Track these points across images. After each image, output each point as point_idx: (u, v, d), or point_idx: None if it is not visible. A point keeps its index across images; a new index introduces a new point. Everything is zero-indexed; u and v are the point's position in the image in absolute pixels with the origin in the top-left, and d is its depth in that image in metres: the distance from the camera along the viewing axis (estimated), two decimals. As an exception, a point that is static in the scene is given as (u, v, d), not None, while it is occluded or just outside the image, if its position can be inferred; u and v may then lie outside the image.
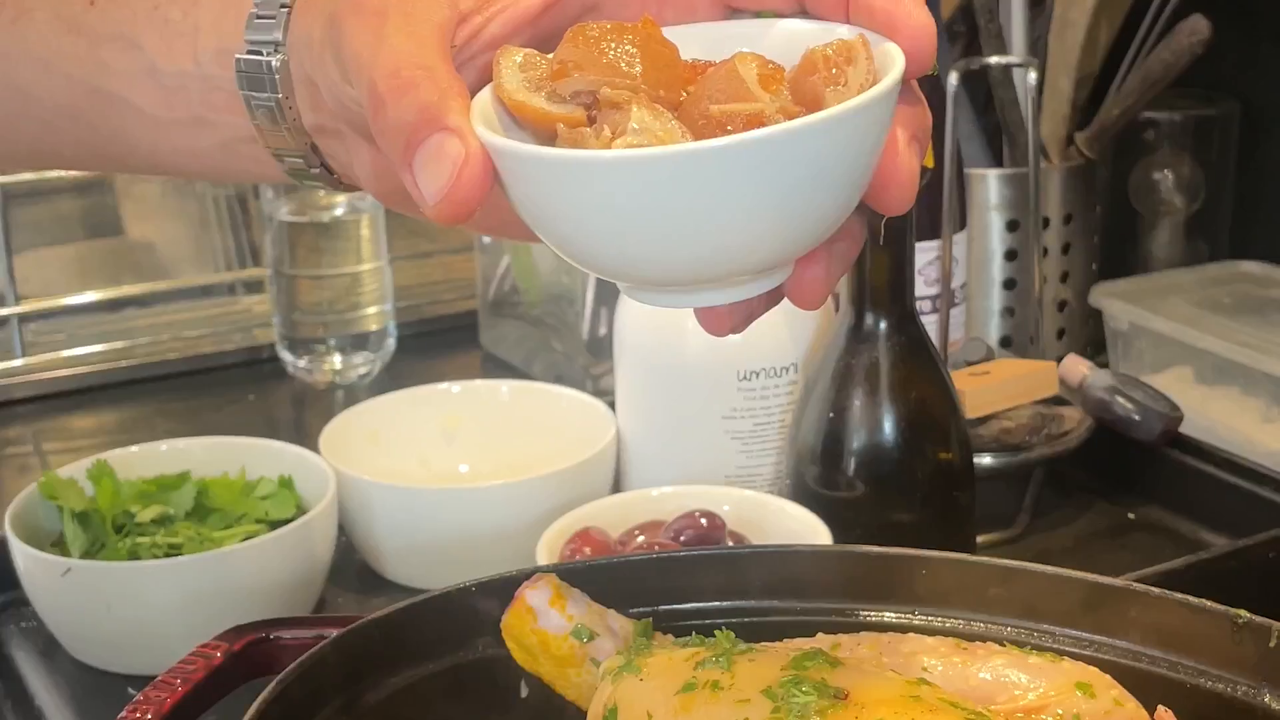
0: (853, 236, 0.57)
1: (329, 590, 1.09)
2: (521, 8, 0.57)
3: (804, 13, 0.57)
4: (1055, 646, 0.72)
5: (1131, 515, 1.19)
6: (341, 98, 0.57)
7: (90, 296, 1.55)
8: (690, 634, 0.71)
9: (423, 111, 0.52)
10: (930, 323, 1.15)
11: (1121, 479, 1.22)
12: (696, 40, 0.57)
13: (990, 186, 1.33)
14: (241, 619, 0.80)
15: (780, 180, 0.50)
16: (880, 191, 0.54)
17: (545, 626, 0.71)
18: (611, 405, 1.16)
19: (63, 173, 1.50)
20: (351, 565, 1.13)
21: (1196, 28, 1.29)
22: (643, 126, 0.51)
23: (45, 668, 1.03)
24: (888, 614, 0.75)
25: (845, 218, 0.54)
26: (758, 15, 0.59)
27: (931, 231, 1.16)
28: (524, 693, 0.75)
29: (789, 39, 0.57)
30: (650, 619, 0.73)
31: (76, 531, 1.04)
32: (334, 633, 0.71)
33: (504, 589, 0.72)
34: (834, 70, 0.53)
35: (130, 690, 0.97)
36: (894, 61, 0.53)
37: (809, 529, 0.98)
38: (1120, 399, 1.19)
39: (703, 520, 0.97)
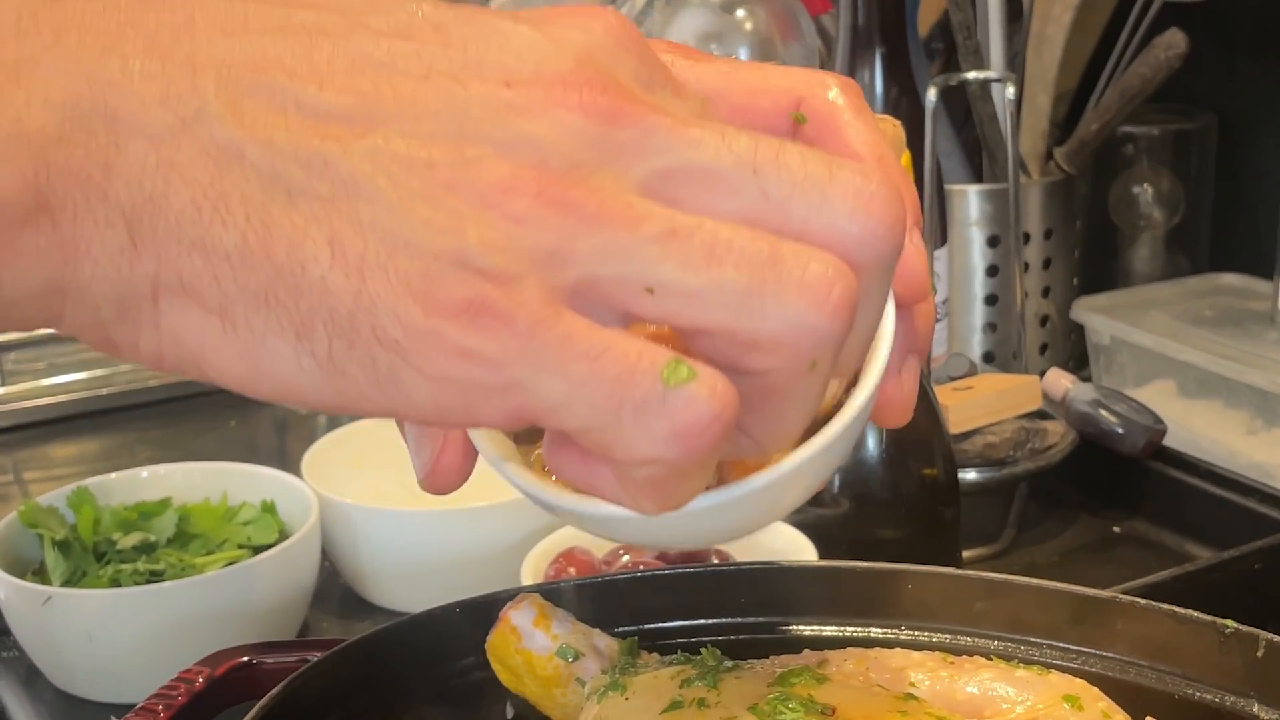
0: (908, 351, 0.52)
1: (313, 614, 1.08)
2: None
3: None
4: (1042, 659, 0.71)
5: (1117, 528, 1.19)
6: None
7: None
8: (676, 652, 0.71)
9: None
10: (912, 338, 1.15)
11: (1106, 492, 1.22)
12: None
13: (970, 202, 1.33)
14: (225, 645, 0.79)
15: (779, 503, 0.49)
16: (876, 415, 0.52)
17: (530, 647, 0.71)
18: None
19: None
20: (335, 589, 1.12)
21: (1173, 42, 1.29)
22: None
23: (27, 697, 1.03)
24: (874, 629, 0.75)
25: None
26: None
27: (912, 247, 1.16)
28: (509, 713, 0.74)
29: None
30: (635, 638, 0.73)
31: (57, 560, 1.03)
32: (317, 656, 0.71)
33: (488, 610, 0.72)
34: None
35: (113, 718, 0.96)
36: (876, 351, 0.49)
37: (794, 546, 0.98)
38: (1104, 412, 1.19)
39: (687, 539, 0.97)
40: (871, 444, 0.99)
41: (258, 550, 1.05)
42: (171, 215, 0.38)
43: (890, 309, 0.49)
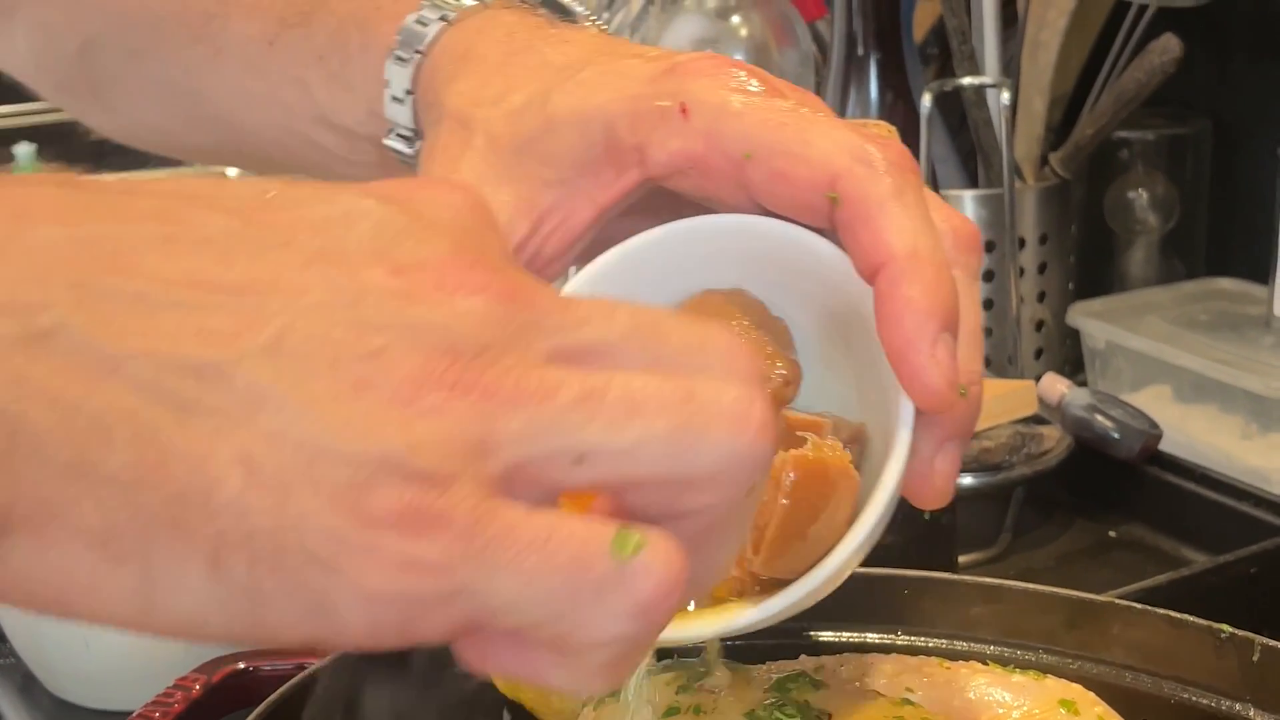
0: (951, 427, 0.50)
1: (309, 621, 1.08)
2: (573, 222, 0.56)
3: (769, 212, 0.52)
4: (1038, 664, 0.71)
5: (1112, 533, 1.19)
6: None
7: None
8: (672, 658, 0.71)
9: None
10: (908, 344, 1.15)
11: (1101, 497, 1.22)
12: (670, 257, 0.54)
13: (966, 208, 1.33)
14: (221, 652, 0.79)
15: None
16: (912, 499, 0.51)
17: (527, 653, 0.71)
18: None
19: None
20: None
21: (1168, 46, 1.29)
22: None
23: (24, 704, 1.03)
24: (870, 635, 0.75)
25: None
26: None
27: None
28: (506, 718, 0.74)
29: (761, 245, 0.53)
30: (632, 644, 0.73)
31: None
32: (313, 663, 0.71)
33: (485, 616, 0.72)
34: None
35: (110, 726, 0.96)
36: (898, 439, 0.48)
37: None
38: (1099, 417, 1.19)
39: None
40: (867, 449, 0.99)
41: (254, 557, 1.05)
42: (32, 437, 0.33)
43: (907, 405, 0.48)
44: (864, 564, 0.77)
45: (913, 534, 1.00)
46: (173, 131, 0.76)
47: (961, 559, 1.09)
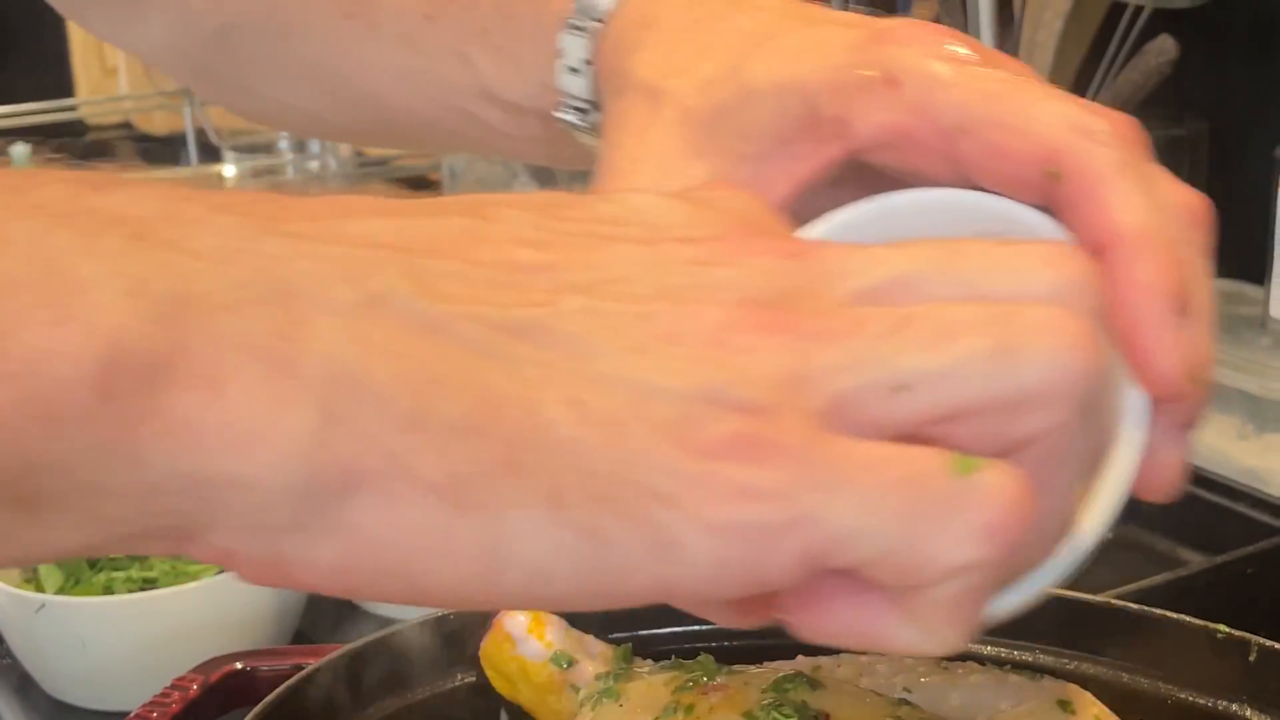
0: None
1: (305, 622, 1.08)
2: (769, 198, 0.50)
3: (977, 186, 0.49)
4: (1035, 664, 0.72)
5: (1109, 533, 1.19)
6: None
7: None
8: (670, 659, 0.71)
9: None
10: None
11: (1098, 498, 1.22)
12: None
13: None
14: (219, 653, 0.79)
15: None
16: (1143, 493, 0.49)
17: (524, 654, 0.71)
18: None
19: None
20: (329, 596, 1.12)
21: (1164, 48, 1.29)
22: None
23: (20, 705, 1.03)
24: (867, 635, 0.75)
25: None
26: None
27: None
28: (503, 719, 0.74)
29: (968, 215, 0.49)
30: (630, 644, 0.73)
31: (50, 567, 1.03)
32: (311, 663, 0.71)
33: (482, 617, 0.72)
34: None
35: (107, 726, 0.97)
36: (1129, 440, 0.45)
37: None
38: (1096, 418, 1.19)
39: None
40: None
41: (251, 557, 1.05)
42: (375, 391, 0.33)
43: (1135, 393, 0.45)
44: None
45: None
46: (317, 112, 0.74)
47: (958, 559, 1.09)
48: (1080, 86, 1.40)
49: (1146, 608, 0.71)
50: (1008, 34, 1.39)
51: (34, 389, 0.31)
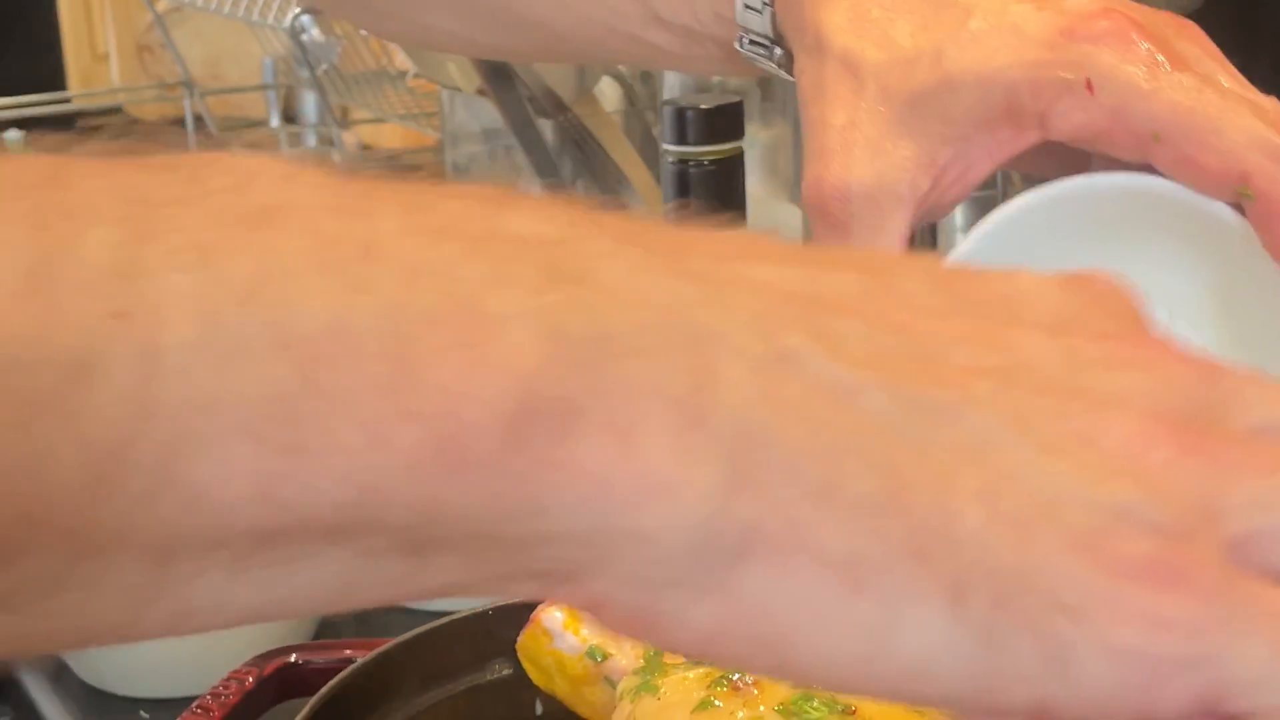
0: None
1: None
2: (971, 176, 0.56)
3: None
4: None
5: None
6: None
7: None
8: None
9: None
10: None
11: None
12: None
13: (957, 210, 1.36)
14: (250, 642, 0.83)
15: None
16: None
17: (560, 648, 0.74)
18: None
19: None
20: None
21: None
22: None
23: (56, 691, 1.05)
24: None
25: None
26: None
27: (904, 256, 1.19)
28: (539, 710, 0.78)
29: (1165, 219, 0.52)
30: (662, 639, 0.76)
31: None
32: (359, 656, 0.74)
33: (520, 612, 0.75)
34: None
35: (143, 714, 0.99)
36: None
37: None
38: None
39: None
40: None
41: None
42: (785, 453, 0.31)
43: None
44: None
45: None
46: (468, 35, 0.73)
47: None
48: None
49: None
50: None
51: (446, 432, 0.30)
